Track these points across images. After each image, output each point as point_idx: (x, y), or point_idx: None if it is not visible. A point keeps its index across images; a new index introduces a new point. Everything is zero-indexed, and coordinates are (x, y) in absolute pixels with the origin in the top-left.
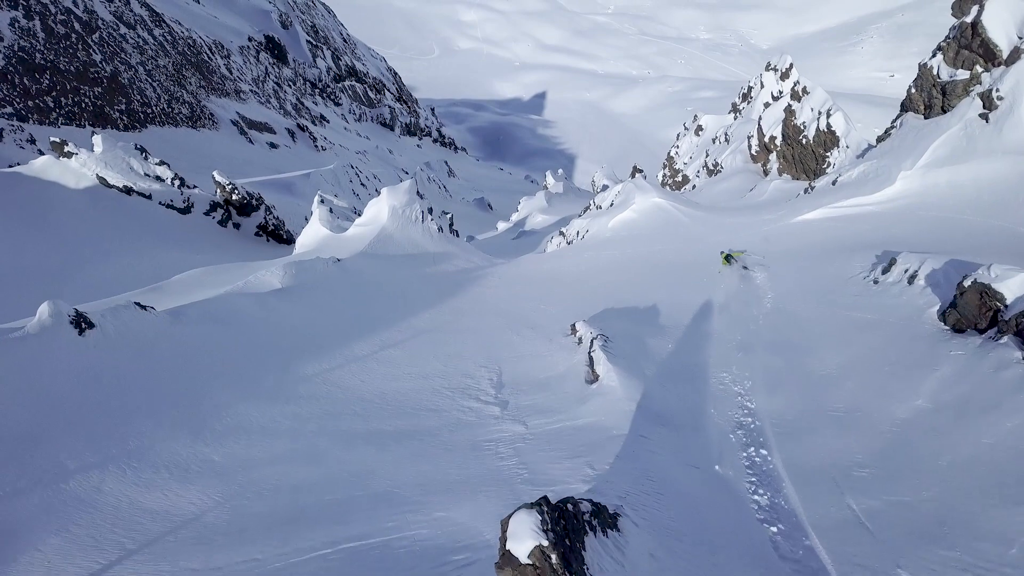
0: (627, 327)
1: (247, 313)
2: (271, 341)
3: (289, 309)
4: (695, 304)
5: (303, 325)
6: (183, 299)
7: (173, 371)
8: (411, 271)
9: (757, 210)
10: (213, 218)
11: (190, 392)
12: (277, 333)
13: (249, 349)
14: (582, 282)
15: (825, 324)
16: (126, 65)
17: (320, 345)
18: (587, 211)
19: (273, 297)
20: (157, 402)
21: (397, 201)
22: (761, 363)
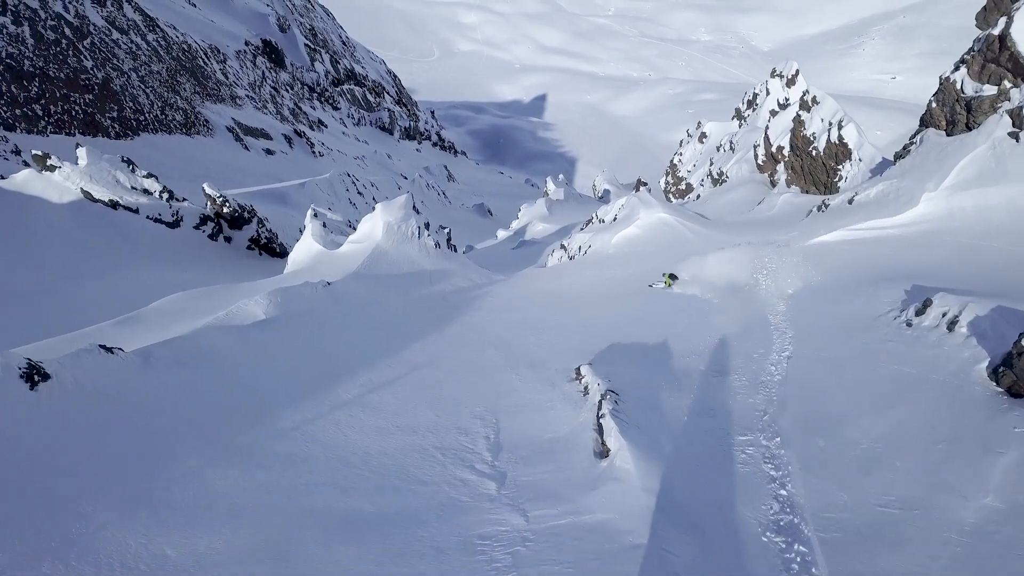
0: (636, 374)
1: (225, 352)
2: (250, 385)
3: (272, 344)
4: (708, 341)
5: (286, 363)
6: (159, 332)
7: (135, 430)
8: (406, 293)
9: (768, 227)
10: (203, 232)
11: (151, 457)
12: (257, 375)
13: (224, 397)
14: (585, 305)
15: (858, 378)
16: (118, 71)
17: (303, 388)
18: (589, 224)
19: (255, 330)
20: (111, 473)
21: (392, 217)
22: (791, 429)
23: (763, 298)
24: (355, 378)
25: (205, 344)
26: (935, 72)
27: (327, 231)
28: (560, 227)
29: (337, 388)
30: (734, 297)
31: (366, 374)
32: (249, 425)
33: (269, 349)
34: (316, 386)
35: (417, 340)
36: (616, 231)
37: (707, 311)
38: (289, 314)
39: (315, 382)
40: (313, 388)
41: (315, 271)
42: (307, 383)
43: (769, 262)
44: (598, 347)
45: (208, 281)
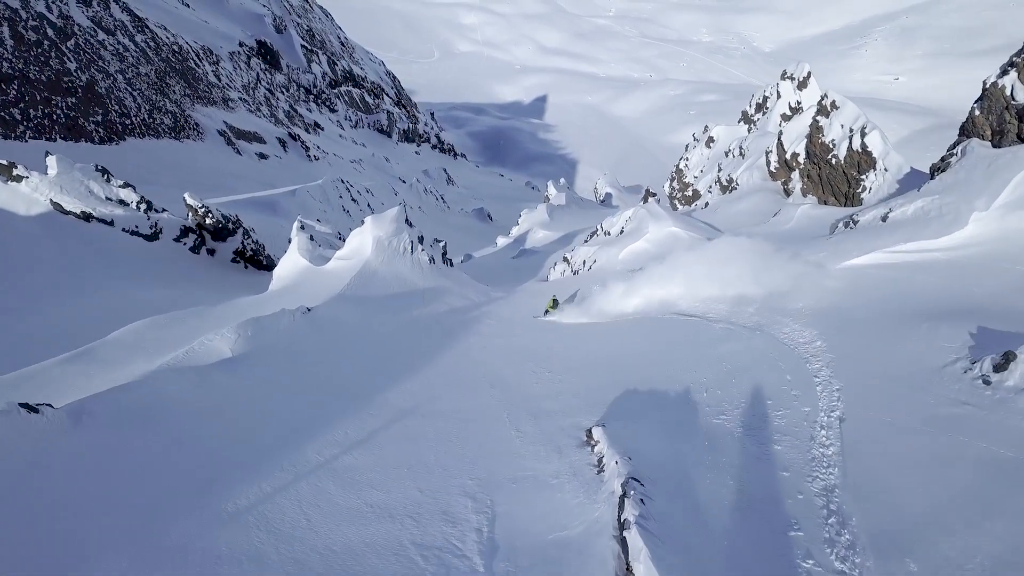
0: (659, 444)
1: (177, 403)
2: (201, 447)
3: (235, 390)
4: (735, 388)
5: (249, 415)
6: (109, 373)
7: (48, 517)
8: (395, 316)
9: (789, 244)
10: (184, 244)
11: (62, 557)
12: (211, 433)
13: (167, 466)
14: (592, 334)
15: (936, 459)
16: (104, 73)
17: (266, 447)
18: (594, 236)
19: (218, 372)
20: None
21: (382, 231)
22: (866, 541)
23: (793, 331)
24: (329, 431)
25: (154, 394)
26: (938, 73)
27: (314, 244)
28: (562, 234)
29: (306, 447)
30: (752, 325)
31: (342, 426)
32: (192, 505)
33: (231, 396)
34: (281, 443)
35: (405, 376)
36: (623, 245)
37: (723, 342)
38: (260, 349)
39: (281, 439)
40: (278, 447)
41: (300, 289)
42: (271, 440)
43: (792, 281)
44: (608, 392)
45: (187, 299)
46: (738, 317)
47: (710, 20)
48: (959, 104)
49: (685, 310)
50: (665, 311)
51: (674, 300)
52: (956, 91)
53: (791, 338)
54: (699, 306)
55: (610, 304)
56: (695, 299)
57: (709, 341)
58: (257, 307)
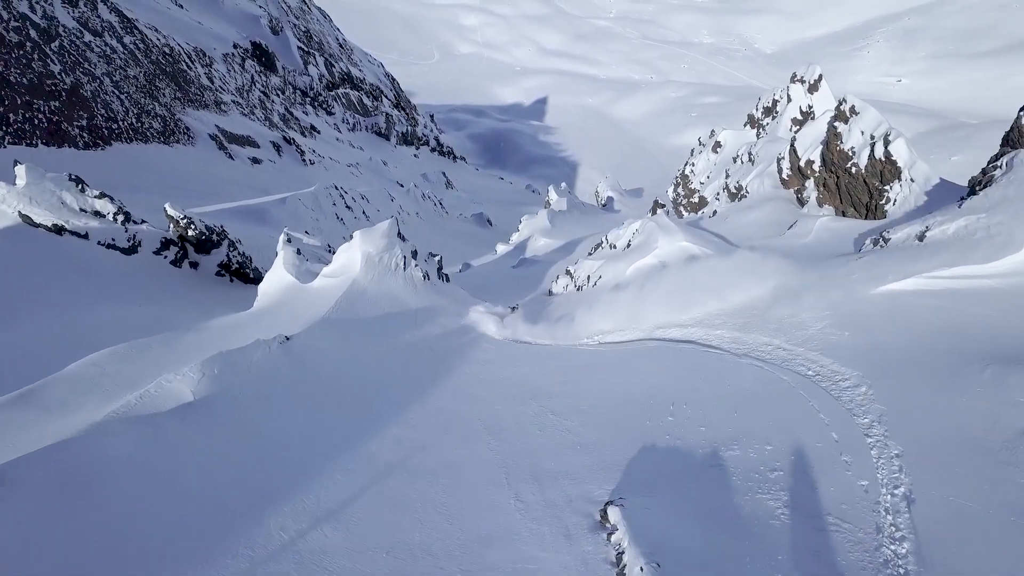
0: (697, 539)
1: (121, 466)
2: (146, 522)
3: (192, 445)
4: (772, 448)
5: (205, 477)
6: (49, 423)
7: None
8: (384, 343)
9: (813, 263)
10: (165, 258)
11: None
12: (159, 503)
13: (99, 550)
14: (597, 364)
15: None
16: (89, 76)
17: (217, 524)
18: (598, 249)
19: (175, 422)
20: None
21: (372, 247)
22: None
23: (829, 371)
24: (298, 497)
25: (95, 454)
26: (941, 75)
27: (301, 259)
28: (564, 242)
29: (269, 520)
30: (779, 360)
31: (314, 489)
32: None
33: (188, 453)
34: (241, 515)
35: (391, 419)
36: (630, 260)
37: (750, 383)
38: (227, 391)
39: (242, 509)
40: (236, 521)
41: (283, 309)
42: (229, 512)
43: (821, 308)
44: (622, 447)
45: (167, 317)
46: (762, 350)
47: (711, 21)
48: (962, 106)
49: (697, 338)
50: (673, 338)
51: (683, 324)
52: (959, 93)
53: (828, 379)
54: (714, 334)
55: (594, 325)
56: (708, 324)
57: (733, 380)
58: (233, 332)
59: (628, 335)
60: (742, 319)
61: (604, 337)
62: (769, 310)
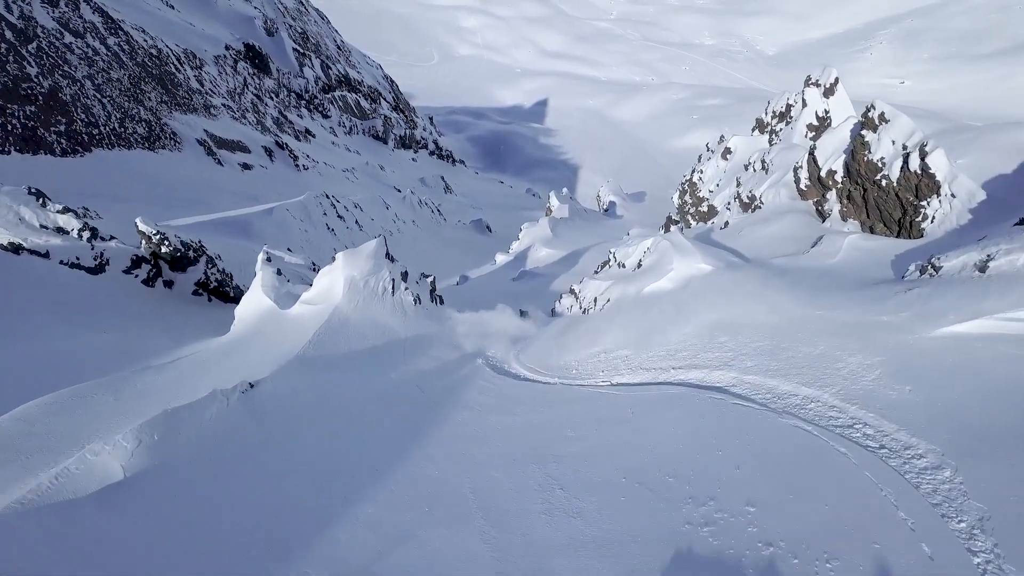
0: None
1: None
2: None
3: (111, 546)
4: (848, 558)
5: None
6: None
7: None
8: (366, 384)
9: (851, 292)
10: (136, 277)
11: None
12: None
13: None
14: (615, 419)
15: None
16: (69, 79)
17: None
18: (605, 268)
19: (95, 511)
20: None
21: (357, 270)
22: None
23: (898, 444)
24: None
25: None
26: (944, 76)
27: (282, 280)
28: (566, 253)
29: None
30: (838, 426)
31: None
32: None
33: (104, 557)
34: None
35: (364, 493)
36: (642, 283)
37: (801, 456)
38: (169, 461)
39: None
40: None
41: (258, 340)
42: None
43: (870, 353)
44: (648, 552)
45: (131, 347)
46: (808, 407)
47: (712, 23)
48: (966, 108)
49: (725, 383)
50: (697, 382)
51: (704, 364)
52: (963, 94)
53: (898, 455)
54: (745, 381)
55: (603, 354)
56: (737, 366)
57: (779, 451)
58: (196, 371)
59: (643, 375)
60: (776, 361)
61: (616, 376)
62: (807, 349)
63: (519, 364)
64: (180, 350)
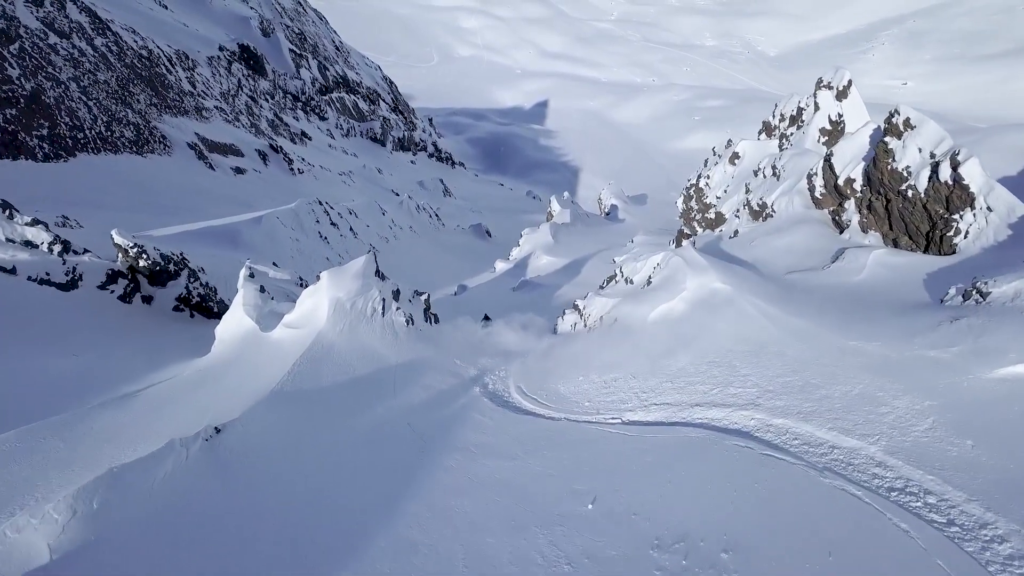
0: None
1: None
2: None
3: None
4: None
5: None
6: None
7: None
8: (352, 420)
9: (885, 319)
10: (112, 292)
11: None
12: None
13: None
14: (629, 469)
15: None
16: (53, 81)
17: None
18: (611, 283)
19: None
20: None
21: (343, 291)
22: None
23: (970, 522)
24: None
25: None
26: (947, 77)
27: (266, 297)
28: (568, 261)
29: None
30: (874, 477)
31: None
32: None
33: None
34: None
35: (337, 562)
36: (652, 302)
37: (857, 534)
38: (109, 534)
39: None
40: None
41: (234, 370)
42: None
43: (920, 395)
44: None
45: (102, 371)
46: (853, 461)
47: (713, 24)
48: (969, 109)
49: (751, 428)
50: (719, 423)
51: (726, 402)
52: (966, 96)
53: (973, 537)
54: (774, 425)
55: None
56: (764, 406)
57: (824, 524)
58: (162, 408)
59: (657, 412)
60: (808, 401)
61: (627, 411)
62: (842, 388)
63: (520, 393)
64: (154, 375)
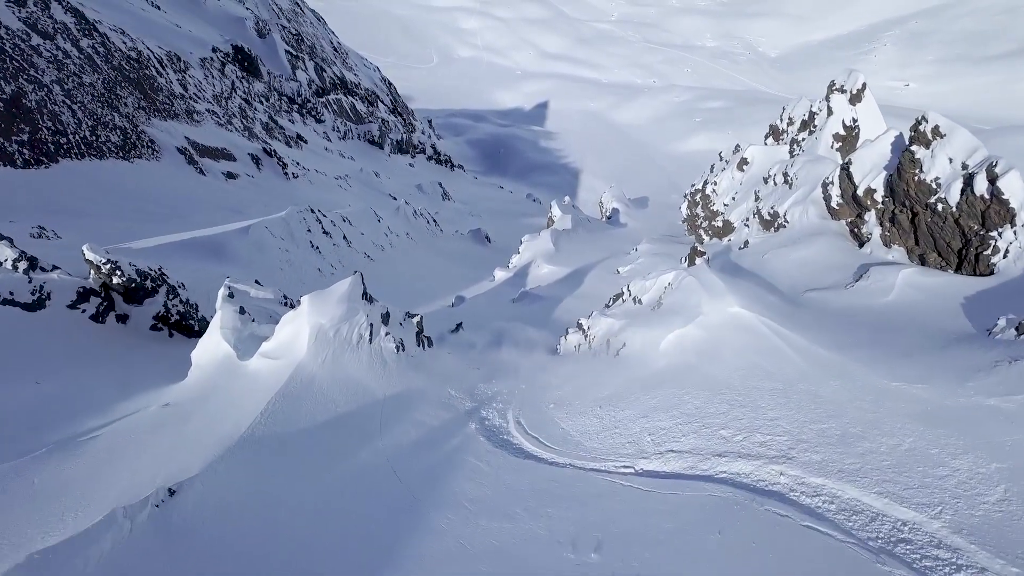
0: None
1: None
2: None
3: None
4: None
5: None
6: None
7: None
8: (330, 469)
9: (927, 358)
10: (83, 312)
11: None
12: None
13: None
14: (645, 537)
15: None
16: (35, 84)
17: None
18: (617, 302)
19: None
20: None
21: (325, 317)
22: None
23: None
24: None
25: None
26: (950, 79)
27: (246, 319)
28: (570, 270)
29: None
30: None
31: None
32: None
33: None
34: None
35: None
36: (663, 327)
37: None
38: None
39: None
40: None
41: (204, 406)
42: None
43: (982, 456)
44: None
45: (68, 402)
46: (912, 539)
47: (714, 25)
48: (972, 111)
49: (788, 489)
50: (748, 480)
51: (755, 453)
52: (968, 97)
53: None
54: (812, 485)
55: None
56: (801, 461)
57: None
58: (119, 455)
59: (675, 460)
60: (850, 456)
61: (640, 457)
62: (889, 441)
63: (520, 430)
64: (122, 405)
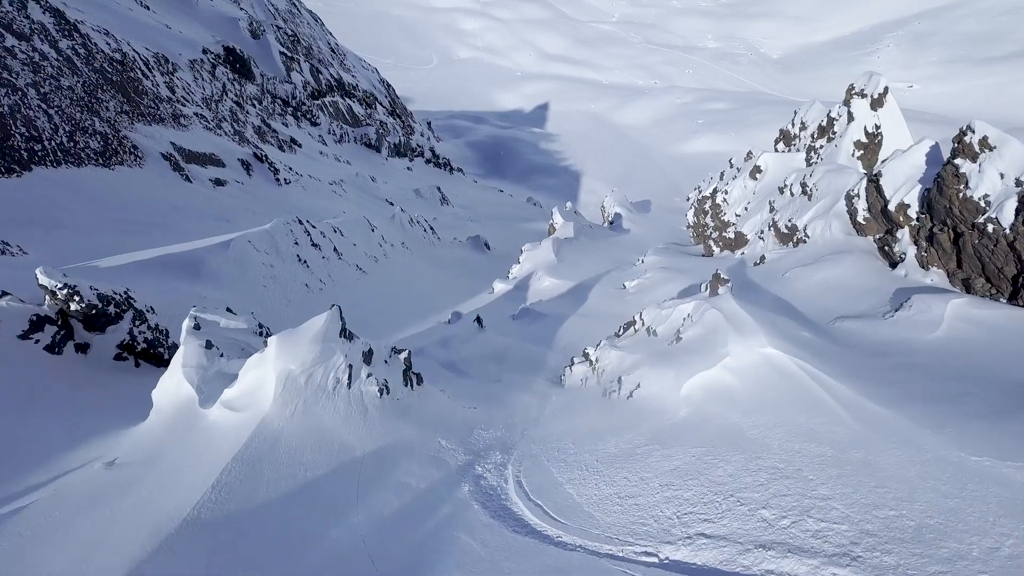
0: None
1: None
2: None
3: None
4: None
5: None
6: None
7: None
8: (291, 560)
9: (1003, 422)
10: (37, 342)
11: None
12: None
13: None
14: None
15: None
16: (8, 87)
17: None
18: (628, 331)
19: None
20: None
21: (296, 361)
22: None
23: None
24: None
25: None
26: (952, 80)
27: (212, 355)
28: (573, 284)
29: None
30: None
31: None
32: None
33: None
34: None
35: None
36: (683, 367)
37: None
38: None
39: None
40: None
41: (161, 459)
42: None
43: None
44: None
45: (6, 446)
46: None
47: (716, 26)
48: (975, 112)
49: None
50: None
51: (804, 546)
52: (972, 98)
53: None
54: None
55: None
56: (862, 561)
57: None
58: (43, 539)
59: (708, 549)
60: (934, 560)
61: (665, 541)
62: (983, 542)
63: (521, 495)
64: (69, 456)
